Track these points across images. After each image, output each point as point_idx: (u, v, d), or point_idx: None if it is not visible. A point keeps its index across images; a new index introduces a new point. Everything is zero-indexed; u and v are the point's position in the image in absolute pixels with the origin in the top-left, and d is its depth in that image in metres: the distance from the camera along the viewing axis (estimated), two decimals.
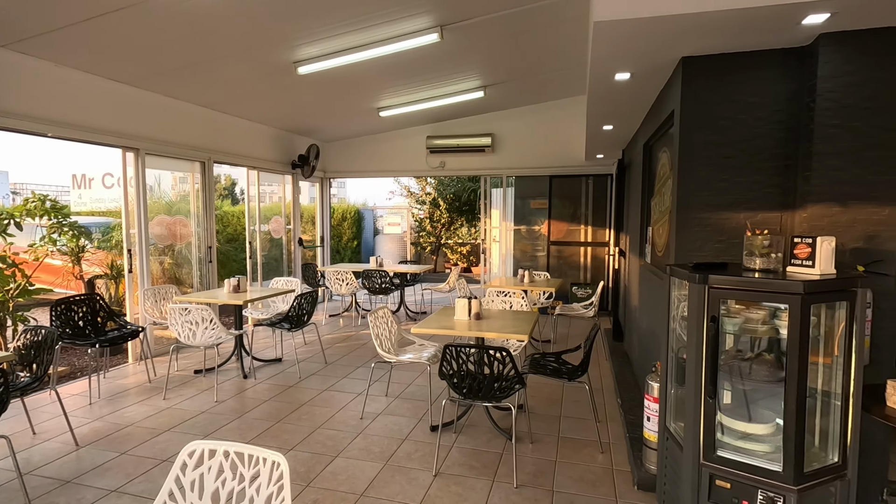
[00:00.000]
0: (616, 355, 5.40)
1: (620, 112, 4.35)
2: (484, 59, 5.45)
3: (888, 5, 2.15)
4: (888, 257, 2.42)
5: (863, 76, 2.41)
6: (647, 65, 2.99)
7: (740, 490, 2.05)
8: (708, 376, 2.07)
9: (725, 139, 2.78)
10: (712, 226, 2.82)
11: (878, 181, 2.43)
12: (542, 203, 8.32)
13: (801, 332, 1.89)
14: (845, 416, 2.03)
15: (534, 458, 3.18)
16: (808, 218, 2.54)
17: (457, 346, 2.92)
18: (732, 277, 2.07)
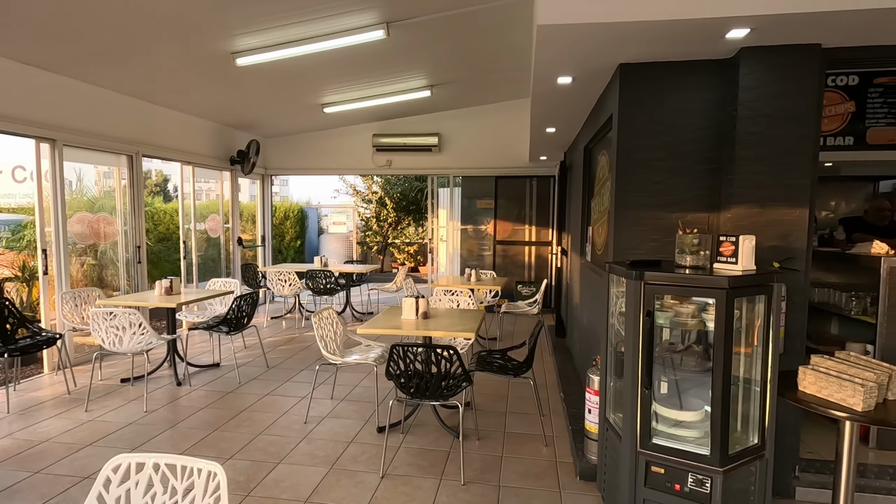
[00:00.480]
0: (559, 351, 5.57)
1: (563, 115, 4.49)
2: (430, 59, 5.45)
3: (799, 25, 2.35)
4: (798, 254, 2.65)
5: (778, 88, 2.63)
6: (588, 69, 3.10)
7: (673, 475, 2.17)
8: (644, 368, 2.18)
9: (660, 143, 2.93)
10: (648, 225, 2.97)
11: (791, 185, 2.66)
12: (488, 203, 8.45)
13: (726, 324, 2.02)
14: (763, 401, 2.20)
15: (481, 455, 3.21)
16: (731, 218, 2.73)
17: (404, 346, 2.90)
18: (666, 274, 2.18)
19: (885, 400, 2.18)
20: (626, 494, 2.28)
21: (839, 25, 2.37)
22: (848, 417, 2.07)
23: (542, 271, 8.32)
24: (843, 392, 2.11)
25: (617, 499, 2.38)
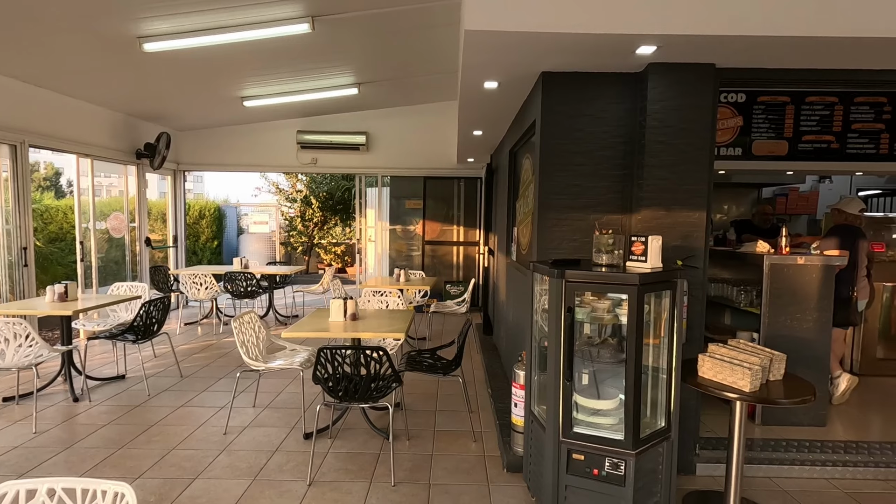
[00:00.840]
0: (487, 348, 5.71)
1: (489, 119, 4.62)
2: (357, 57, 5.37)
3: (697, 45, 2.60)
4: (697, 253, 2.93)
5: (679, 101, 2.89)
6: (513, 76, 3.22)
7: (592, 460, 2.31)
8: (565, 361, 2.30)
9: (579, 149, 3.10)
10: (568, 226, 3.13)
11: (691, 190, 2.93)
12: (416, 203, 8.47)
13: (637, 317, 2.19)
14: (669, 387, 2.41)
15: (411, 455, 3.22)
16: (642, 220, 2.96)
17: (332, 349, 2.83)
18: (585, 272, 2.32)
19: (768, 381, 2.48)
20: (549, 482, 2.39)
21: (729, 48, 2.65)
22: (738, 398, 2.33)
23: (470, 271, 8.49)
24: (735, 376, 2.37)
25: (541, 487, 2.49)
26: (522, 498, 2.73)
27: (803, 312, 3.51)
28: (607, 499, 2.30)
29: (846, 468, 3.02)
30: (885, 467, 3.02)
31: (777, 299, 3.52)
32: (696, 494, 2.81)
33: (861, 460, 3.07)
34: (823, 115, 4.94)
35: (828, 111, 4.94)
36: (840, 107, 4.92)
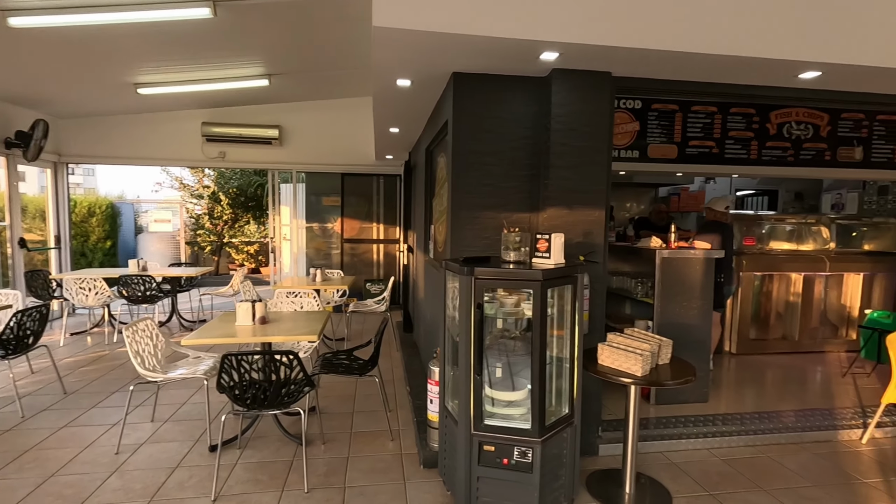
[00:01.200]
0: (406, 346, 5.72)
1: (405, 116, 4.61)
2: (266, 46, 5.11)
3: (594, 54, 2.78)
4: (598, 249, 3.14)
5: (580, 106, 3.07)
6: (425, 74, 3.23)
7: (502, 450, 2.40)
8: (475, 356, 2.36)
9: (489, 149, 3.19)
10: (481, 224, 3.22)
11: (591, 189, 3.13)
12: (334, 200, 8.26)
13: (541, 311, 2.30)
14: (572, 376, 2.56)
15: (326, 459, 3.14)
16: (547, 218, 3.11)
17: (237, 355, 2.68)
18: (493, 269, 2.40)
19: (657, 365, 2.71)
20: (462, 475, 2.45)
21: (623, 59, 2.86)
22: (632, 382, 2.53)
23: (390, 269, 8.44)
24: (629, 362, 2.57)
25: (455, 480, 2.54)
26: (438, 493, 2.77)
27: (689, 300, 3.89)
28: (517, 486, 2.40)
29: (723, 438, 3.40)
30: (754, 434, 3.44)
31: (667, 289, 3.87)
32: (599, 473, 3.01)
33: (735, 430, 3.47)
34: (706, 122, 5.49)
35: (709, 119, 5.49)
36: (719, 116, 5.50)
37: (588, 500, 2.72)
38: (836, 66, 2.94)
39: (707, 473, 3.02)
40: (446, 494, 2.74)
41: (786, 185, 8.93)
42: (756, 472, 3.05)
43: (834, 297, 5.61)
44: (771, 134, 5.62)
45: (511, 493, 2.41)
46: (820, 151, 5.71)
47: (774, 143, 5.59)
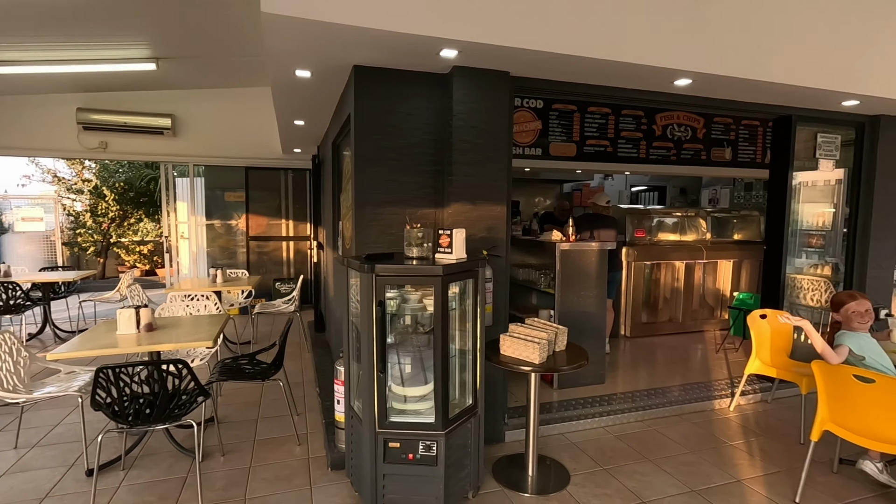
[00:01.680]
0: (318, 346, 5.55)
1: (309, 108, 4.43)
2: (150, 26, 4.66)
3: (491, 54, 2.85)
4: (500, 243, 3.25)
5: (481, 104, 3.14)
6: (325, 66, 3.12)
7: (407, 446, 2.41)
8: (378, 354, 2.34)
9: (393, 144, 3.16)
10: (386, 220, 3.18)
11: (494, 186, 3.22)
12: (238, 196, 7.78)
13: (443, 305, 2.33)
14: (475, 368, 2.62)
15: (225, 471, 2.96)
16: (452, 214, 3.15)
17: (115, 368, 2.43)
18: (395, 266, 2.38)
19: (555, 352, 2.87)
20: (368, 473, 2.42)
21: (521, 60, 2.96)
22: (531, 370, 2.65)
23: (302, 267, 8.13)
24: (528, 350, 2.69)
25: (361, 479, 2.50)
26: (346, 494, 2.72)
27: (586, 290, 4.15)
28: (423, 479, 2.41)
29: (617, 416, 3.68)
30: (643, 410, 3.77)
31: (567, 280, 4.10)
32: (505, 459, 3.13)
33: (627, 407, 3.78)
34: (601, 123, 5.87)
35: (604, 120, 5.88)
36: (612, 117, 5.91)
37: (493, 487, 2.82)
38: (704, 75, 3.27)
39: (602, 450, 3.26)
40: (354, 495, 2.70)
41: (672, 181, 9.84)
42: (644, 444, 3.34)
43: (710, 282, 6.30)
44: (657, 135, 6.14)
45: (417, 487, 2.42)
46: (697, 151, 6.35)
47: (660, 143, 6.13)
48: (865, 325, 2.77)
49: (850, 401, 2.54)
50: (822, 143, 4.52)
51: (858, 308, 2.78)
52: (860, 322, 2.76)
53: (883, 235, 4.57)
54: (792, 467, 3.02)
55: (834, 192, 4.82)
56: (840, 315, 2.84)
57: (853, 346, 2.72)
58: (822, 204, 5.08)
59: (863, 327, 2.77)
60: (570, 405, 3.79)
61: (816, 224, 5.19)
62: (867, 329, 2.79)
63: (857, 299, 2.80)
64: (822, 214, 5.13)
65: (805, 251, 5.24)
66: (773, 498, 2.73)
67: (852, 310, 2.79)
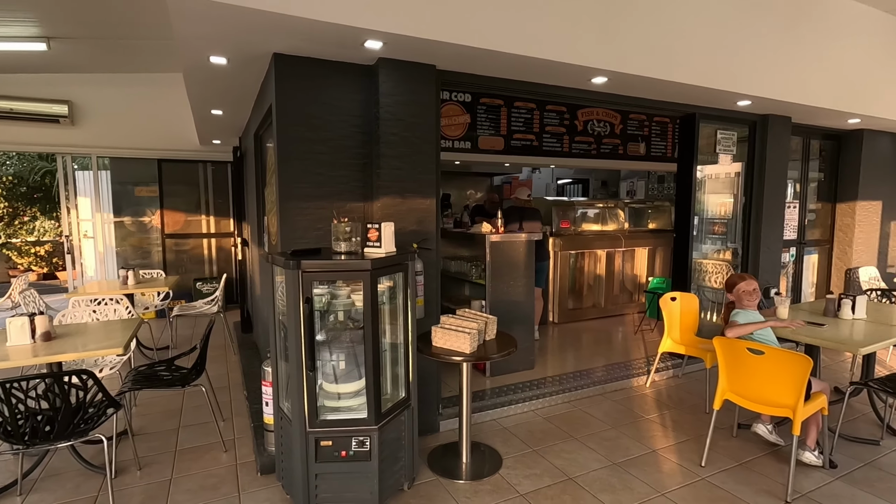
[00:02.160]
0: (245, 347, 5.31)
1: (228, 98, 4.20)
2: (41, 1, 4.17)
3: (416, 46, 2.84)
4: (430, 236, 3.27)
5: (408, 97, 3.13)
6: (242, 54, 2.97)
7: (339, 443, 2.37)
8: (307, 352, 2.28)
9: (318, 136, 3.08)
10: (312, 215, 3.10)
11: (423, 179, 3.23)
12: (151, 191, 7.22)
13: (372, 300, 2.31)
14: (407, 360, 2.63)
15: (143, 486, 2.76)
16: (381, 207, 3.13)
17: (4, 384, 2.18)
18: (321, 261, 2.33)
19: (485, 341, 2.94)
20: (300, 475, 2.36)
21: (446, 54, 2.98)
22: (462, 359, 2.70)
23: (225, 265, 7.71)
24: (459, 341, 2.74)
25: (293, 482, 2.44)
26: (278, 499, 2.64)
27: (515, 279, 4.29)
28: (356, 476, 2.40)
29: (545, 399, 3.85)
30: (570, 391, 3.97)
31: (497, 270, 4.21)
32: (440, 449, 3.18)
33: (555, 390, 3.96)
34: (527, 118, 6.04)
35: (530, 115, 6.06)
36: (537, 112, 6.11)
37: (429, 476, 2.86)
38: (618, 74, 3.46)
39: (532, 432, 3.40)
40: (286, 499, 2.62)
41: (594, 174, 10.39)
42: (570, 424, 3.52)
43: (629, 269, 6.73)
44: (579, 130, 6.43)
45: (351, 484, 2.40)
46: (615, 146, 6.72)
47: (582, 137, 6.42)
48: (753, 302, 3.08)
49: (745, 372, 2.83)
50: (722, 139, 4.96)
51: (747, 287, 3.09)
52: (749, 300, 3.08)
53: (772, 222, 5.11)
54: (699, 434, 3.32)
55: (734, 184, 5.32)
56: (733, 295, 3.15)
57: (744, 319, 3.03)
58: (724, 195, 5.59)
59: (751, 304, 3.09)
60: (501, 392, 3.91)
61: (720, 213, 5.70)
62: (755, 306, 3.12)
63: (746, 280, 3.12)
64: (724, 204, 5.63)
65: (710, 238, 5.74)
66: (683, 464, 2.99)
67: (742, 289, 3.09)
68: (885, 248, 6.29)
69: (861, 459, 3.02)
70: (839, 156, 6.03)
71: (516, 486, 2.76)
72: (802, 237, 5.97)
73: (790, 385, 2.64)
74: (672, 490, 2.72)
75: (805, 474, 2.84)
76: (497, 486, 2.76)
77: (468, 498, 2.65)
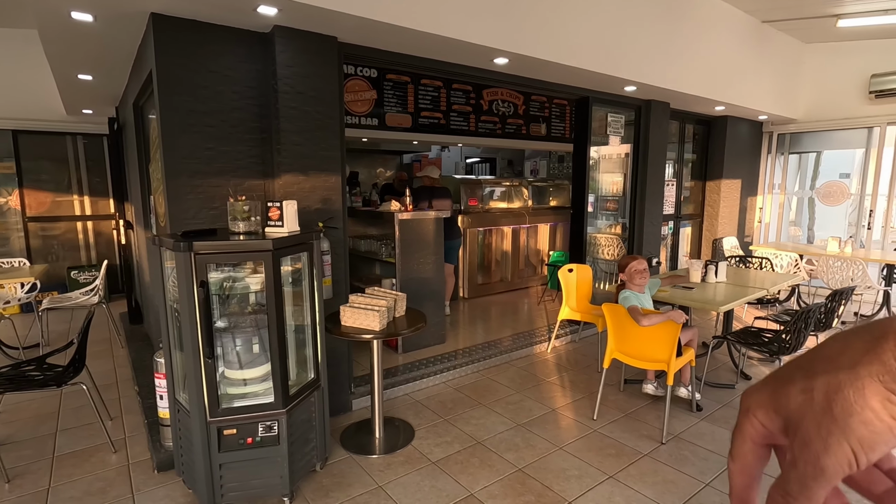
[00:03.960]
0: (135, 339, 4.86)
1: (98, 61, 3.71)
2: None
3: (315, 16, 2.71)
4: (336, 214, 3.20)
5: (308, 70, 2.99)
6: (111, 11, 2.63)
7: (245, 430, 2.29)
8: (204, 339, 2.15)
9: (207, 108, 2.84)
10: (205, 193, 2.88)
11: (326, 156, 3.13)
12: (6, 167, 6.23)
13: (274, 281, 2.23)
14: (315, 342, 2.59)
15: (13, 499, 2.46)
16: (283, 185, 2.99)
17: None
18: (217, 242, 2.19)
19: (394, 318, 2.97)
20: (202, 467, 2.25)
21: (347, 26, 2.88)
22: (371, 337, 2.71)
23: (107, 250, 6.92)
24: (368, 319, 2.74)
25: (195, 475, 2.32)
26: (179, 494, 2.49)
27: (425, 257, 4.35)
28: (265, 462, 2.33)
29: (456, 370, 4.00)
30: (478, 362, 4.16)
31: (406, 248, 4.24)
32: (353, 427, 3.19)
33: (464, 361, 4.13)
34: (434, 96, 6.06)
35: (437, 93, 6.08)
36: (444, 90, 6.14)
37: (342, 455, 2.86)
38: (518, 56, 3.58)
39: (443, 403, 3.52)
40: (188, 493, 2.49)
41: (501, 153, 10.73)
42: (479, 392, 3.70)
43: (533, 244, 7.11)
44: (484, 109, 6.58)
45: (260, 470, 2.34)
46: (518, 126, 6.98)
47: (487, 117, 6.58)
48: (644, 281, 3.32)
49: (628, 334, 3.15)
50: (612, 121, 5.36)
51: (639, 267, 3.37)
52: (640, 279, 3.32)
53: (654, 199, 5.66)
54: (592, 392, 3.66)
55: (624, 164, 5.79)
56: (625, 274, 3.39)
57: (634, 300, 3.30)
58: (616, 174, 6.07)
59: (642, 283, 3.32)
60: (414, 367, 3.99)
61: (612, 191, 6.19)
62: (645, 285, 3.36)
63: (637, 259, 3.39)
64: (616, 183, 6.12)
65: (604, 214, 6.23)
66: (578, 419, 3.28)
67: (634, 269, 3.36)
68: (744, 220, 7.27)
69: (720, 402, 3.53)
70: (708, 139, 6.80)
71: (428, 454, 2.86)
72: (679, 212, 6.69)
73: (665, 343, 3.00)
74: (569, 443, 2.98)
75: (678, 419, 3.26)
76: (409, 457, 2.84)
77: (381, 471, 2.71)
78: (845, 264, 5.14)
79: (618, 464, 2.76)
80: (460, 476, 2.66)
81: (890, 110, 6.01)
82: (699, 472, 2.69)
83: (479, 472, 2.70)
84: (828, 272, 5.29)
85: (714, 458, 2.82)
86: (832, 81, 6.41)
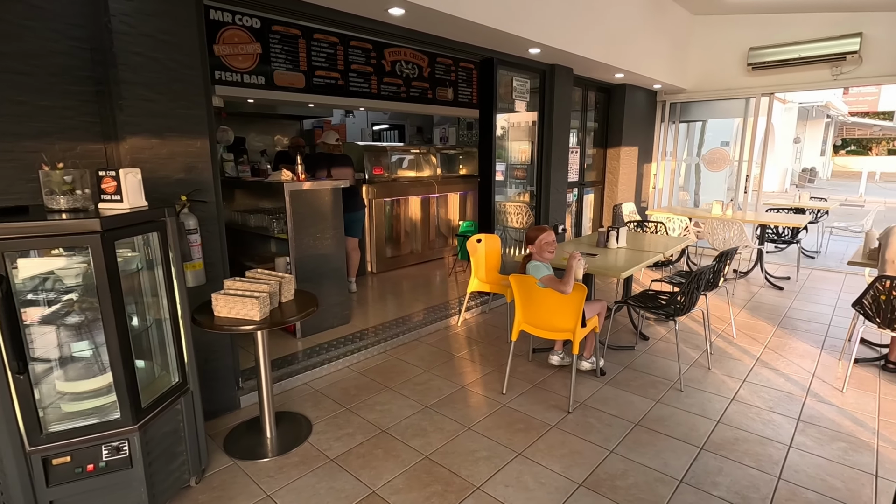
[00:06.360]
0: None
1: None
2: None
3: None
4: (206, 186, 2.71)
5: (155, 6, 2.42)
6: None
7: (83, 456, 1.86)
8: (10, 350, 1.67)
9: (15, 51, 2.20)
10: (19, 160, 2.27)
11: (188, 115, 2.61)
12: None
13: (108, 270, 1.77)
14: (178, 338, 2.17)
15: None
16: (130, 150, 2.44)
17: None
18: (24, 223, 1.68)
19: (280, 303, 2.61)
20: None
21: None
22: (252, 329, 2.34)
23: None
24: (246, 307, 2.35)
25: None
26: None
27: (322, 231, 3.96)
28: (116, 489, 1.92)
29: (361, 352, 3.72)
30: (386, 341, 3.91)
31: (300, 223, 3.82)
32: (242, 427, 2.82)
33: (371, 342, 3.86)
34: (330, 53, 5.48)
35: (333, 50, 5.51)
36: (341, 47, 5.58)
37: (225, 462, 2.50)
38: (414, 6, 3.24)
39: (346, 390, 3.25)
40: None
41: (410, 119, 10.32)
42: (385, 374, 3.47)
43: (443, 214, 6.92)
44: (387, 70, 6.12)
45: (109, 500, 1.92)
46: (424, 90, 6.61)
47: (390, 79, 6.14)
48: (553, 252, 3.22)
49: (535, 304, 3.06)
50: (517, 86, 5.21)
51: (547, 238, 3.23)
52: (550, 251, 3.20)
53: (558, 166, 5.67)
54: (501, 364, 3.58)
55: (532, 132, 5.72)
56: (535, 246, 3.24)
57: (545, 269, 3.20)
58: (525, 142, 6.00)
59: (551, 255, 3.21)
60: (314, 352, 3.66)
61: (521, 159, 6.12)
62: (553, 255, 3.26)
63: (546, 231, 3.25)
64: (524, 151, 6.05)
65: (513, 182, 6.16)
66: (488, 395, 3.18)
67: (543, 240, 3.22)
68: (640, 186, 7.63)
69: (622, 364, 3.62)
70: (609, 107, 6.95)
71: (326, 451, 2.59)
72: (583, 179, 6.83)
73: (570, 313, 2.94)
74: (478, 422, 2.86)
75: (583, 385, 3.28)
76: (305, 457, 2.55)
77: (271, 477, 2.39)
78: (726, 225, 5.54)
79: (526, 439, 2.69)
80: (362, 472, 2.42)
81: (765, 82, 6.50)
82: (604, 439, 2.69)
83: (383, 464, 2.48)
84: (712, 233, 5.68)
85: (617, 422, 2.85)
86: (716, 53, 6.78)
